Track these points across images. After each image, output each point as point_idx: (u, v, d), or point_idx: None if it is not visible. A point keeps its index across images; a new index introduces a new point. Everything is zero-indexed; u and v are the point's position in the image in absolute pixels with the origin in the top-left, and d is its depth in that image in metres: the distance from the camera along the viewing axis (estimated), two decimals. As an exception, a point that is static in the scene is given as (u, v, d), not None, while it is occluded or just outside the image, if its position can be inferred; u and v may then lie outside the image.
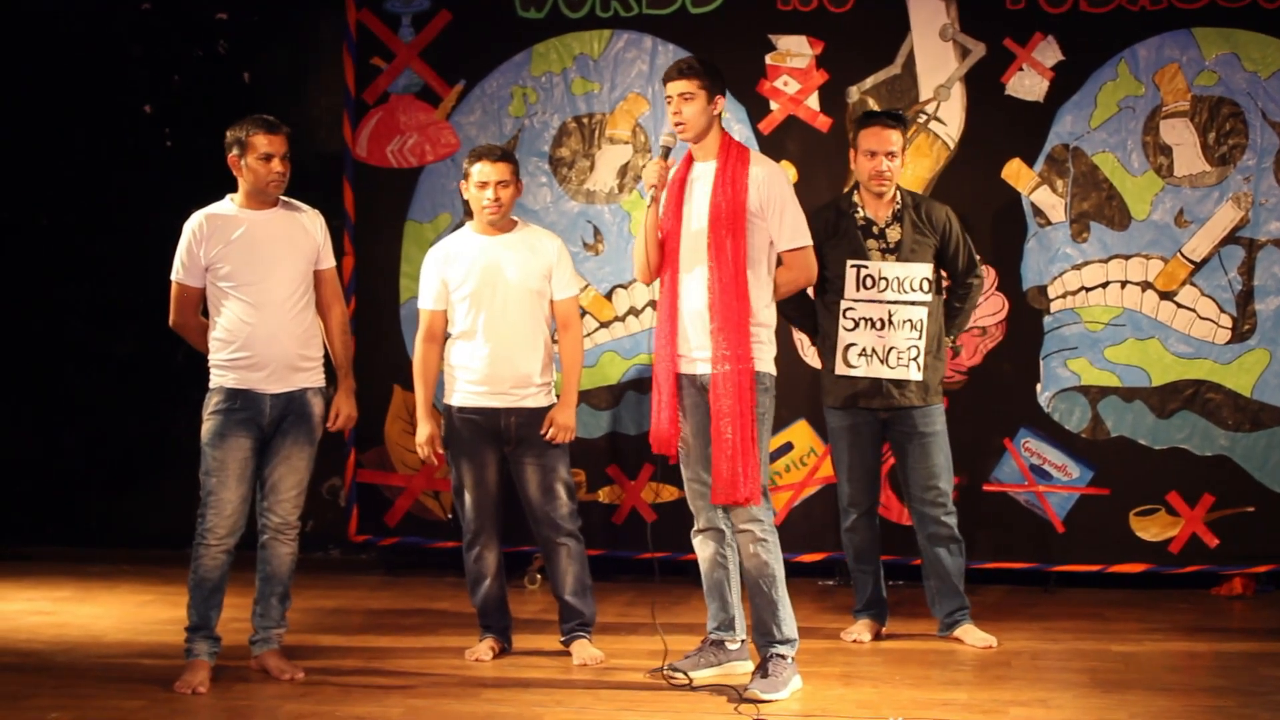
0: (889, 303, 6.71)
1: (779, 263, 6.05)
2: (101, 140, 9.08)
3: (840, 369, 6.77)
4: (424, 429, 6.52)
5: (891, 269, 6.71)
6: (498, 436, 6.45)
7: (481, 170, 6.40)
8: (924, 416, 6.78)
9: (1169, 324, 7.76)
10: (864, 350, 6.74)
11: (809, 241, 6.02)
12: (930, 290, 6.73)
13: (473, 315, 6.42)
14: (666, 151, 6.08)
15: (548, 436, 6.41)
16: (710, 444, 5.95)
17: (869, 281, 6.72)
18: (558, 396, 6.53)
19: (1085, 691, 5.98)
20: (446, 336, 6.55)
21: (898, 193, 6.80)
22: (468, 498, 6.49)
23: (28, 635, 6.95)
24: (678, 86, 5.99)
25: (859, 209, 6.79)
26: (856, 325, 6.75)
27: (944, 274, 6.89)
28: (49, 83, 9.09)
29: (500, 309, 6.40)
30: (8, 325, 9.23)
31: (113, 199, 9.06)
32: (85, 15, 9.05)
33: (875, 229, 6.76)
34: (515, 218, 6.54)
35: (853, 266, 6.73)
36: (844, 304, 6.75)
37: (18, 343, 9.23)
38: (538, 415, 6.45)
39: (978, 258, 6.90)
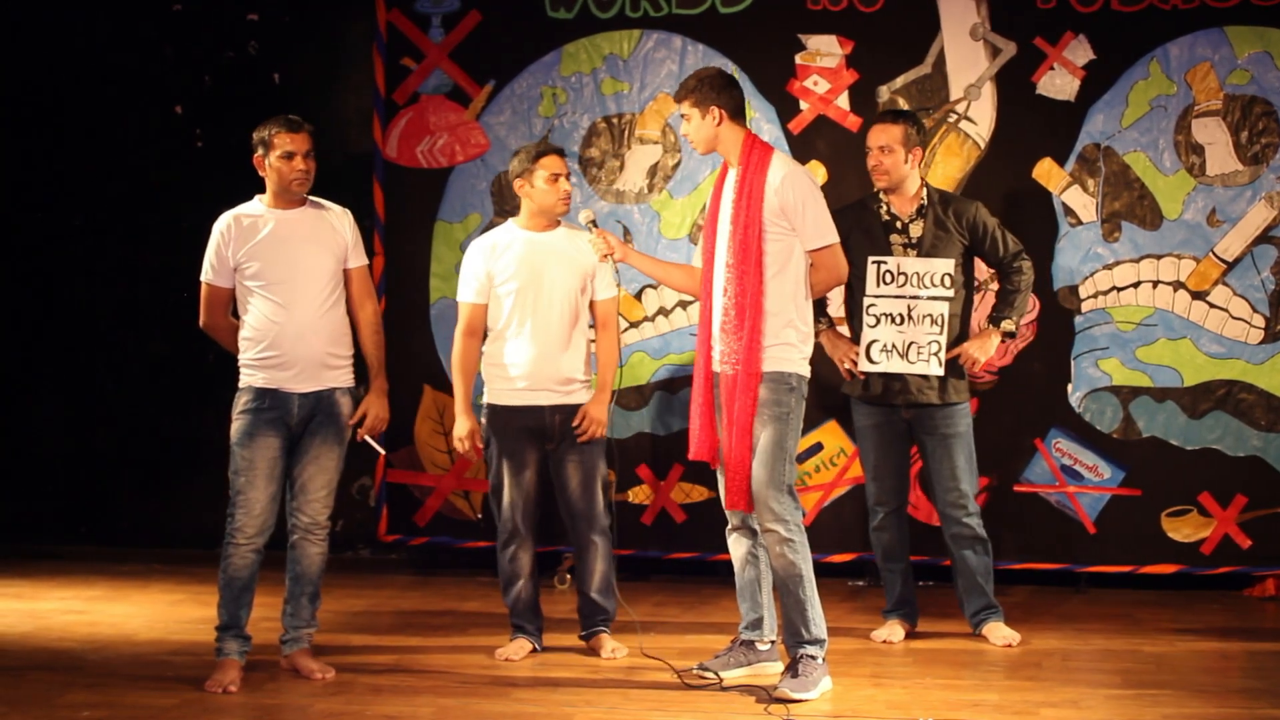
0: (909, 298, 6.73)
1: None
2: (133, 141, 9.11)
3: (863, 364, 6.79)
4: (463, 424, 6.52)
5: (911, 264, 6.72)
6: (541, 435, 6.48)
7: (554, 162, 6.46)
8: (946, 417, 6.78)
9: (1201, 324, 7.73)
10: (885, 346, 6.74)
11: (834, 239, 5.98)
12: (953, 286, 6.73)
13: (517, 311, 6.44)
14: (593, 223, 6.28)
15: (579, 428, 6.43)
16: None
17: (888, 277, 6.74)
18: None
19: (1117, 693, 5.96)
20: (486, 332, 6.56)
21: (924, 189, 6.80)
22: (505, 497, 6.50)
23: (60, 634, 6.98)
24: (679, 110, 6.11)
25: (884, 205, 6.80)
26: (878, 321, 6.76)
27: (988, 267, 7.01)
28: (81, 84, 9.13)
29: (545, 306, 6.43)
30: (40, 325, 9.27)
31: (144, 199, 9.10)
32: (116, 16, 9.08)
33: (899, 224, 6.78)
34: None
35: (873, 262, 6.75)
36: (866, 300, 6.77)
37: (50, 342, 9.27)
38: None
39: (1020, 246, 6.87)
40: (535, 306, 6.43)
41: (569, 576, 8.13)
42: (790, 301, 5.93)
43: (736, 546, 6.25)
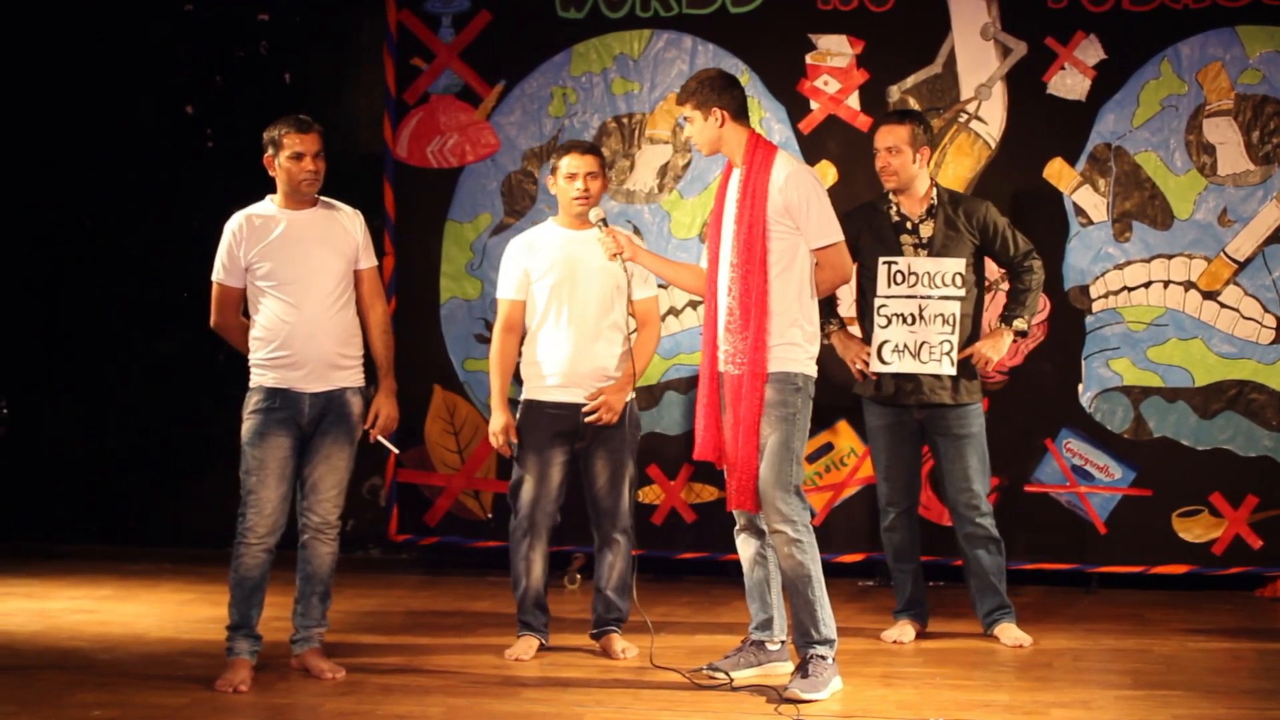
0: (920, 298, 6.73)
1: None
2: (144, 141, 9.12)
3: (875, 365, 6.79)
4: (498, 419, 6.52)
5: (922, 264, 6.72)
6: (573, 434, 6.48)
7: (571, 162, 6.45)
8: (959, 417, 6.77)
9: (1212, 324, 7.71)
10: (897, 346, 6.74)
11: (838, 238, 5.95)
12: (964, 286, 6.72)
13: (554, 308, 6.46)
14: (603, 222, 6.23)
15: (587, 408, 6.43)
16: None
17: (899, 277, 6.73)
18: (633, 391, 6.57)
19: (1127, 693, 5.95)
20: (525, 329, 6.57)
21: (934, 189, 6.80)
22: (527, 493, 6.50)
23: (70, 633, 6.98)
24: (681, 113, 6.11)
25: (894, 206, 6.80)
26: (890, 322, 6.76)
27: (1000, 268, 7.02)
28: (92, 83, 9.14)
29: (580, 302, 6.43)
30: (51, 325, 9.28)
31: (155, 199, 9.11)
32: (128, 16, 9.09)
33: (909, 224, 6.77)
34: None
35: (884, 263, 6.75)
36: (877, 301, 6.77)
37: (61, 342, 9.28)
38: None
39: (1030, 245, 6.86)
40: (570, 302, 6.43)
41: (579, 576, 8.13)
42: (795, 301, 5.92)
43: (745, 547, 6.24)
